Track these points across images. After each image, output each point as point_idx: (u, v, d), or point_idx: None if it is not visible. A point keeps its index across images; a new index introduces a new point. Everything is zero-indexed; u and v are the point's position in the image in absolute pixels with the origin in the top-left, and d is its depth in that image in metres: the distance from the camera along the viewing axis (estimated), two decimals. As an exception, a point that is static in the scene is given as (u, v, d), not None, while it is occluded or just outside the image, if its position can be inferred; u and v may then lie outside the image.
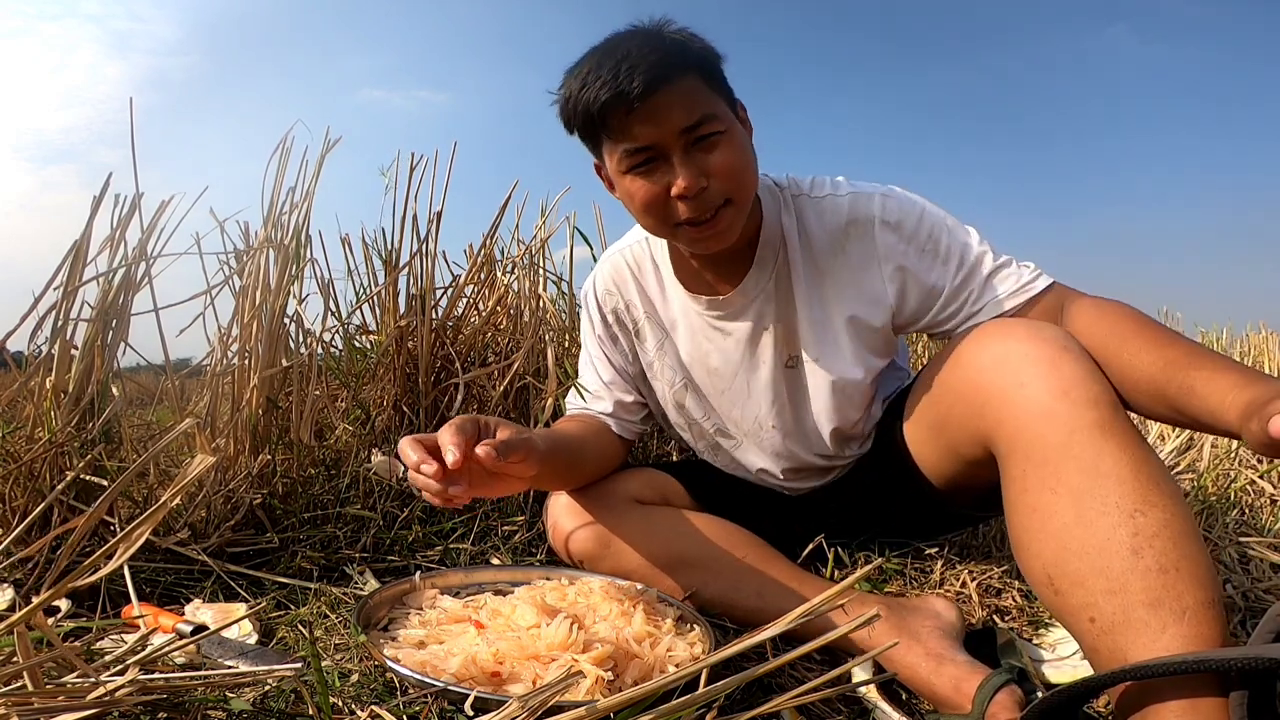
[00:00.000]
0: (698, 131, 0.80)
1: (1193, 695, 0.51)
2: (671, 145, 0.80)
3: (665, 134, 0.80)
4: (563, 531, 0.95)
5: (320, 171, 1.33)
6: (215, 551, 1.03)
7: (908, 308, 0.91)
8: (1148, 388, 0.69)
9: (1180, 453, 1.84)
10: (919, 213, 0.89)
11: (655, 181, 0.82)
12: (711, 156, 0.81)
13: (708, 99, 0.81)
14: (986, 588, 1.01)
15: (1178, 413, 0.67)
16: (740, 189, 0.84)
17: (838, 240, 0.91)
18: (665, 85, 0.78)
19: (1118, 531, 0.57)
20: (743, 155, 0.84)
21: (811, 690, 0.53)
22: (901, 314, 0.92)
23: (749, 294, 0.95)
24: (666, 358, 1.04)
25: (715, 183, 0.82)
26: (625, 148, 0.82)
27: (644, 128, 0.79)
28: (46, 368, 1.08)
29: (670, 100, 0.78)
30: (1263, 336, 3.24)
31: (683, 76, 0.79)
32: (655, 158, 0.82)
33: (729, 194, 0.83)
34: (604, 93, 0.78)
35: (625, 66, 0.77)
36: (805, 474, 1.04)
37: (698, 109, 0.80)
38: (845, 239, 0.91)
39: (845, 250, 0.91)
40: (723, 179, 0.82)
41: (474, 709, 0.58)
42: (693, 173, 0.80)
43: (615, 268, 1.05)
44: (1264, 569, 1.11)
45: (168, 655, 0.67)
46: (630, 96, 0.77)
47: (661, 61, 0.78)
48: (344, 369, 1.46)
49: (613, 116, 0.80)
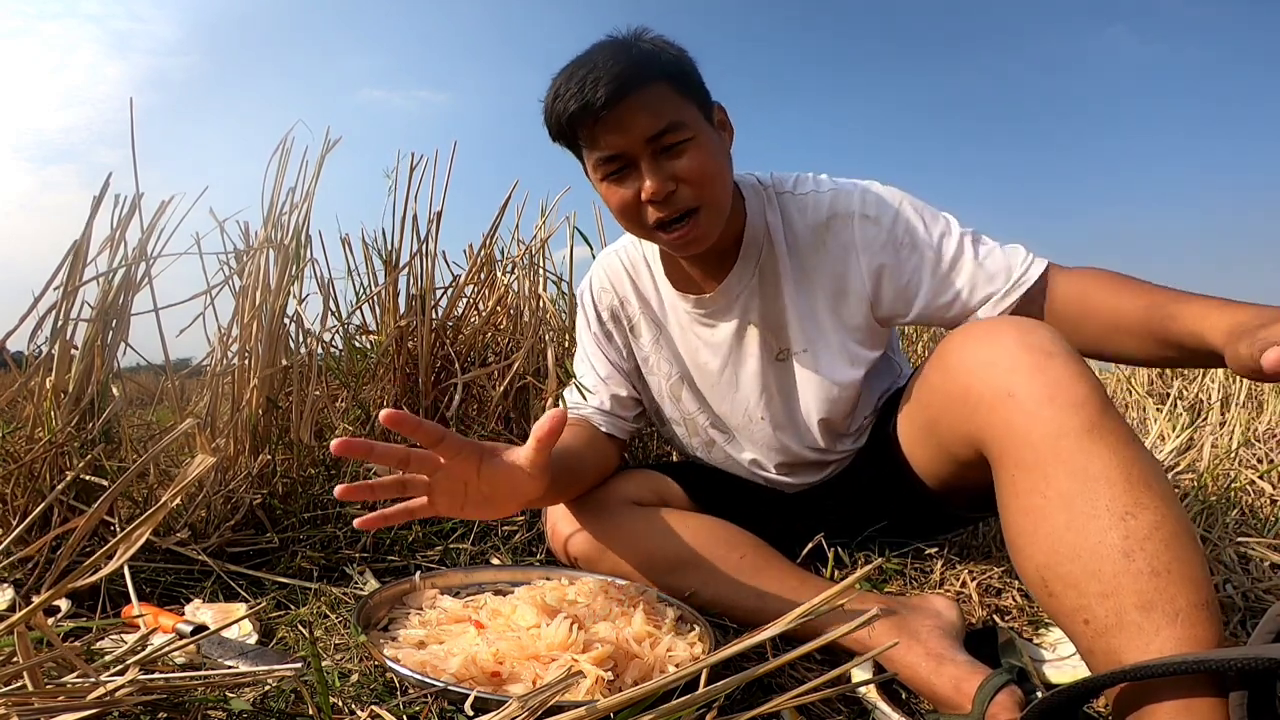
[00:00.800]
0: (663, 140, 0.82)
1: (1191, 696, 0.51)
2: (639, 153, 0.83)
3: (631, 142, 0.82)
4: (561, 534, 0.95)
5: (320, 171, 1.33)
6: (215, 551, 1.03)
7: (886, 300, 0.92)
8: (1133, 327, 0.73)
9: (1180, 453, 1.84)
10: (896, 205, 0.91)
11: (627, 187, 0.85)
12: (679, 162, 0.83)
13: (675, 106, 0.83)
14: (986, 588, 1.01)
15: (1163, 345, 0.70)
16: (709, 193, 0.85)
17: (820, 235, 0.93)
18: (629, 95, 0.80)
19: (1109, 534, 0.57)
20: (711, 160, 0.85)
21: (811, 690, 0.53)
22: (881, 306, 0.93)
23: (733, 291, 0.97)
24: (662, 352, 1.05)
25: (684, 187, 0.84)
26: (596, 156, 0.85)
27: (611, 136, 0.82)
28: (46, 368, 1.08)
29: (635, 109, 0.81)
30: (1263, 336, 3.23)
31: (648, 85, 0.81)
32: (625, 165, 0.84)
33: (698, 199, 0.85)
34: (571, 104, 0.81)
35: (591, 78, 0.80)
36: (800, 469, 1.04)
37: (664, 116, 0.81)
38: (827, 233, 0.93)
39: (827, 245, 0.93)
40: (691, 183, 0.84)
41: (474, 709, 0.58)
42: (660, 178, 0.82)
43: (610, 266, 1.07)
44: (1264, 569, 1.11)
45: (168, 655, 0.67)
46: (595, 107, 0.80)
47: (625, 72, 0.80)
48: (344, 369, 1.46)
49: (581, 127, 0.83)
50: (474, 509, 0.73)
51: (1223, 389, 2.77)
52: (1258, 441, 2.08)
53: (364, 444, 0.65)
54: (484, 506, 0.73)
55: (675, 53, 0.86)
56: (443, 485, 0.70)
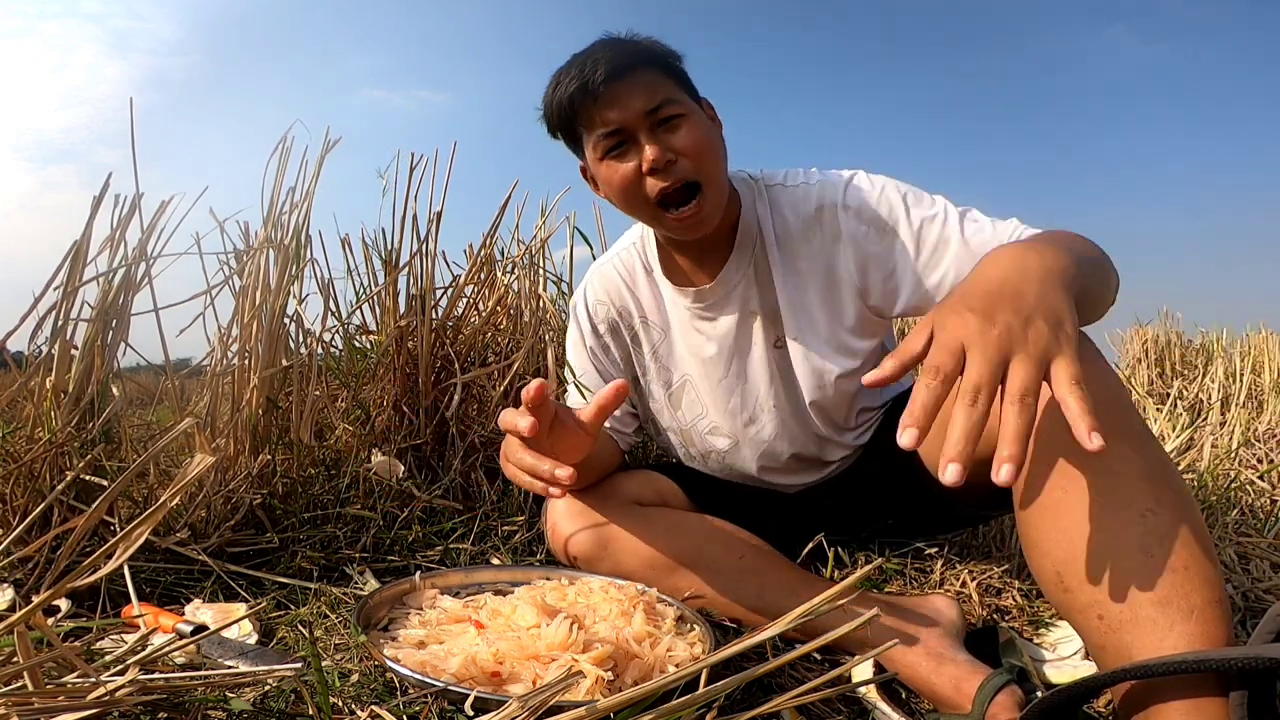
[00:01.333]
0: (660, 113, 0.86)
1: (1193, 695, 0.51)
2: (637, 126, 0.86)
3: (630, 116, 0.86)
4: (561, 534, 0.95)
5: (320, 171, 1.33)
6: (215, 551, 1.03)
7: (875, 289, 0.92)
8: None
9: (1180, 453, 1.84)
10: (880, 193, 0.91)
11: (627, 162, 0.88)
12: (676, 135, 0.87)
13: (668, 87, 0.88)
14: (986, 588, 1.01)
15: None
16: (708, 166, 0.89)
17: (809, 227, 0.94)
18: (626, 73, 0.86)
19: (1129, 530, 0.57)
20: (706, 135, 0.89)
21: (811, 690, 0.53)
22: (871, 295, 0.93)
23: (729, 282, 0.98)
24: (664, 357, 1.05)
25: (683, 159, 0.87)
26: (597, 134, 0.88)
27: (610, 112, 0.86)
28: (46, 368, 1.08)
29: (632, 85, 0.86)
30: (1263, 336, 3.23)
31: (643, 68, 0.87)
32: (625, 140, 0.88)
33: (697, 171, 0.88)
34: (572, 85, 0.86)
35: (590, 63, 0.86)
36: (801, 469, 1.04)
37: (659, 94, 0.87)
38: (816, 225, 0.94)
39: (815, 236, 0.94)
40: (689, 155, 0.87)
41: (474, 709, 0.58)
42: (659, 146, 0.86)
43: (605, 277, 1.07)
44: (1264, 569, 1.11)
45: (168, 655, 0.67)
46: (595, 84, 0.85)
47: (621, 55, 0.86)
48: (344, 369, 1.46)
49: (581, 106, 0.87)
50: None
51: (1223, 389, 2.77)
52: (1258, 441, 2.08)
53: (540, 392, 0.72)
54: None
55: (666, 49, 0.91)
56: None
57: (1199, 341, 3.55)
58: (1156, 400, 2.78)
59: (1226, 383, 2.80)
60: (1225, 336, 3.42)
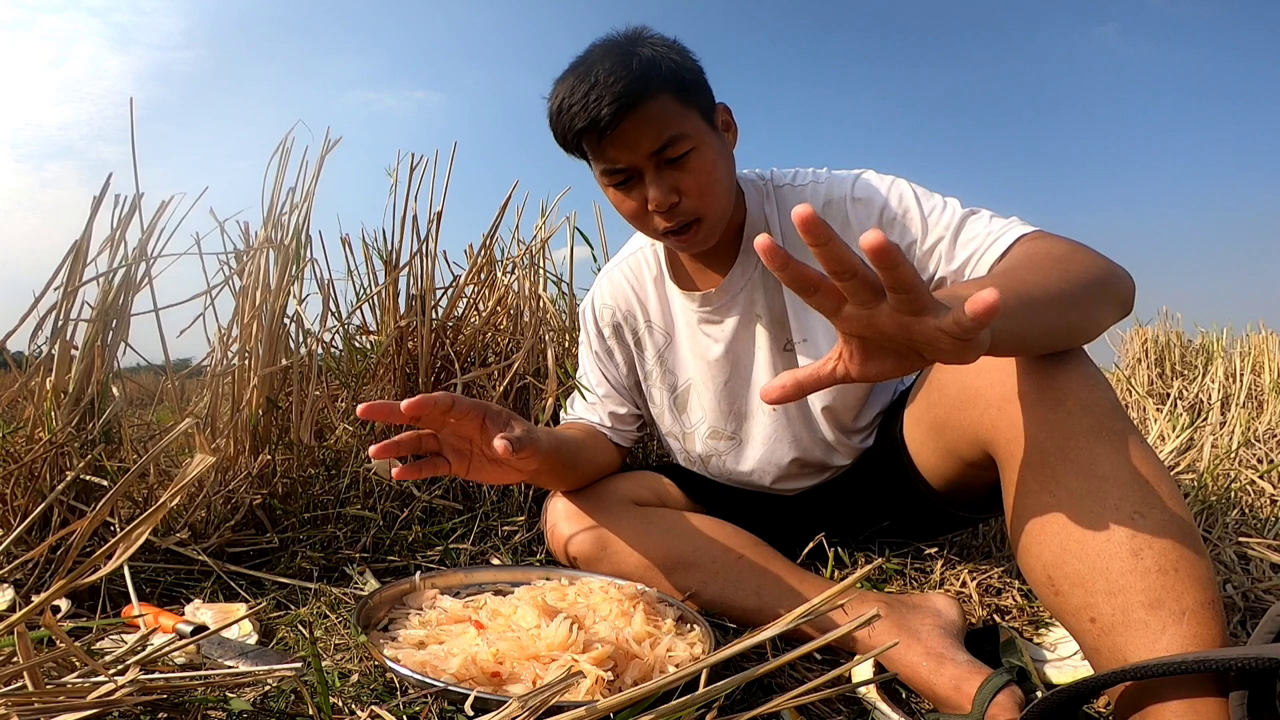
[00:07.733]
0: (666, 153, 0.84)
1: (1192, 695, 0.51)
2: (643, 165, 0.85)
3: (636, 157, 0.85)
4: (561, 535, 0.95)
5: (320, 172, 1.33)
6: (215, 552, 1.03)
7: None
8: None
9: (1180, 453, 1.84)
10: (888, 188, 0.91)
11: (634, 197, 0.88)
12: (682, 175, 0.86)
13: (677, 117, 0.84)
14: (986, 587, 1.01)
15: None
16: (710, 206, 0.88)
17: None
18: (633, 111, 0.82)
19: (1117, 532, 0.57)
20: (712, 171, 0.87)
21: (811, 690, 0.53)
22: None
23: (735, 285, 0.98)
24: (669, 362, 1.05)
25: (686, 199, 0.86)
26: (603, 168, 0.88)
27: (616, 152, 0.85)
28: (46, 368, 1.08)
29: (639, 125, 0.82)
30: (1263, 336, 3.23)
31: (651, 99, 0.82)
32: (631, 175, 0.87)
33: (699, 211, 0.87)
34: (578, 122, 0.83)
35: (595, 95, 0.81)
36: (802, 474, 1.04)
37: (666, 130, 0.83)
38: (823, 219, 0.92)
39: None
40: (693, 197, 0.87)
41: (474, 709, 0.58)
42: (663, 190, 0.85)
43: (613, 283, 1.08)
44: (1264, 569, 1.11)
45: (168, 655, 0.67)
46: (601, 125, 0.82)
47: (629, 89, 0.81)
48: (344, 369, 1.46)
49: (587, 142, 0.86)
50: (479, 470, 0.79)
51: (1223, 389, 2.77)
52: (1258, 441, 2.08)
53: (388, 405, 0.71)
54: (490, 469, 0.79)
55: (676, 59, 0.86)
56: (450, 443, 0.78)
57: (1199, 341, 3.54)
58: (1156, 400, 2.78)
59: (1226, 383, 2.80)
60: (1225, 336, 3.42)
